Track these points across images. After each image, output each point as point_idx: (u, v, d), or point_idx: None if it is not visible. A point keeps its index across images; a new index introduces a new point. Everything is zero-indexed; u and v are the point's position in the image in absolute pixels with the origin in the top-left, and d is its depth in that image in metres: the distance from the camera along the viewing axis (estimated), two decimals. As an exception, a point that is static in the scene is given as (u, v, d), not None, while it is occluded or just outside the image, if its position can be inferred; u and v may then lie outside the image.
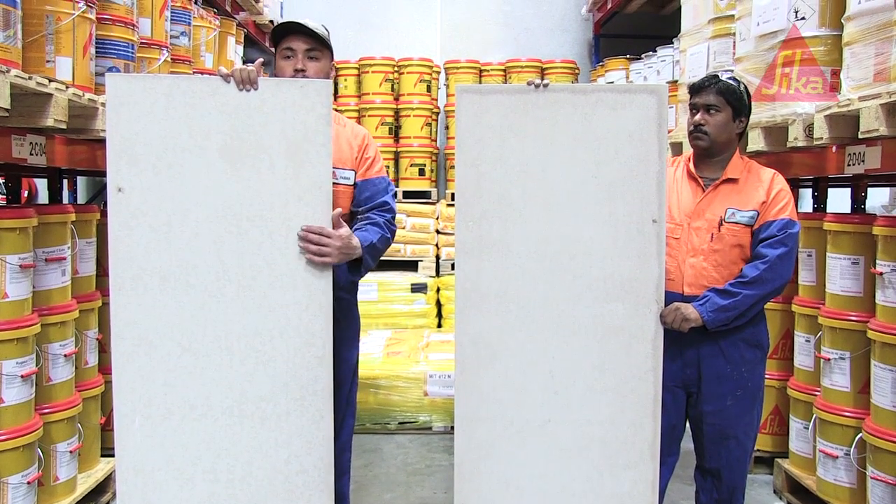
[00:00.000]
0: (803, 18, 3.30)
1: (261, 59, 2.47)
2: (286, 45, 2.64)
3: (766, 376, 4.20)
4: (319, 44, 2.66)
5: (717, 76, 2.71)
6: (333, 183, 2.65)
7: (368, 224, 2.66)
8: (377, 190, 2.74)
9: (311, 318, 2.43)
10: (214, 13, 5.20)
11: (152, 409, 2.39)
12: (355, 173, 2.73)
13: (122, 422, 2.40)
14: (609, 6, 7.28)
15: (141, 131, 2.37)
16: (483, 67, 7.29)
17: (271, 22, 6.80)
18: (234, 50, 5.58)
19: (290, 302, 2.41)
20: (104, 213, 3.96)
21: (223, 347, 2.40)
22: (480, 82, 7.12)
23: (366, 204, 2.72)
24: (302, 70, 2.62)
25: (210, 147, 2.37)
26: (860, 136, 2.82)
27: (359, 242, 2.51)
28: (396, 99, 7.11)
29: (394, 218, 2.75)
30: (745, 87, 2.73)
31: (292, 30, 2.64)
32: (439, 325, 6.38)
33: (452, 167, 6.99)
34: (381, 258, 2.80)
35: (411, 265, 6.64)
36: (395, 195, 2.80)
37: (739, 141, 2.78)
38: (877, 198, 6.99)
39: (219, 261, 2.39)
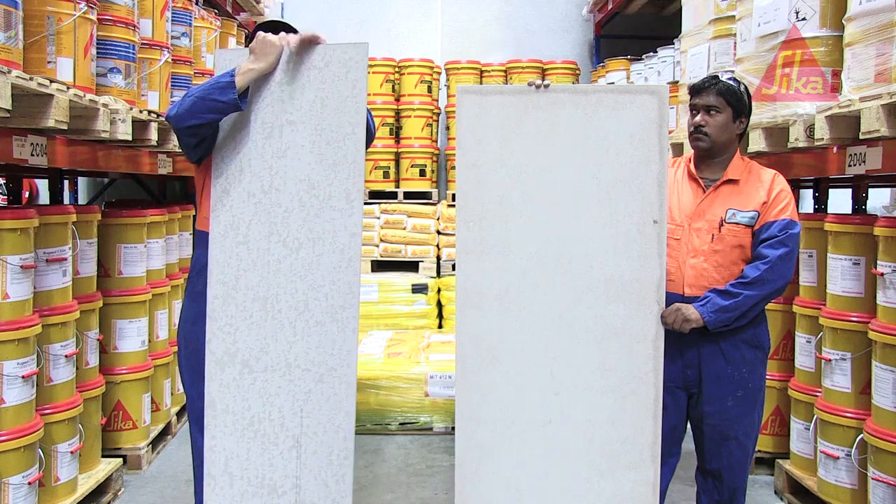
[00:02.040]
0: (804, 19, 3.30)
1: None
2: None
3: (767, 377, 4.21)
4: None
5: (717, 77, 2.71)
6: None
7: None
8: None
9: None
10: (215, 14, 5.21)
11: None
12: None
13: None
14: (610, 7, 7.28)
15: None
16: (484, 68, 7.29)
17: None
18: (235, 51, 5.57)
19: None
20: (105, 214, 3.97)
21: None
22: (481, 83, 7.11)
23: None
24: None
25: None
26: (861, 137, 2.82)
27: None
28: (397, 100, 7.11)
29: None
30: (746, 88, 2.73)
31: (276, 29, 2.64)
32: (440, 326, 6.38)
33: (453, 168, 6.95)
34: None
35: (412, 266, 6.64)
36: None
37: (740, 141, 2.78)
38: (878, 198, 6.99)
39: None
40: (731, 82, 2.69)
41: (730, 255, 2.63)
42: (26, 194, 6.30)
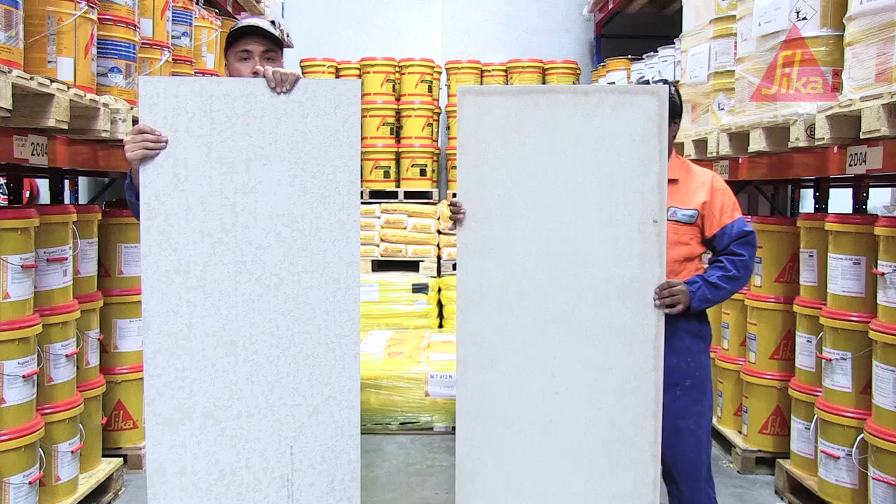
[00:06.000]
0: (804, 19, 3.30)
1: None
2: (242, 48, 2.61)
3: (767, 376, 4.21)
4: (275, 45, 2.66)
5: (648, 82, 2.77)
6: None
7: None
8: None
9: None
10: (216, 13, 5.20)
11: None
12: None
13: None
14: (610, 6, 7.28)
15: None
16: (484, 68, 7.29)
17: (272, 22, 6.80)
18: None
19: None
20: (105, 214, 3.97)
21: None
22: (482, 83, 7.12)
23: None
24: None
25: None
26: (862, 137, 2.82)
27: None
28: (398, 99, 7.11)
29: None
30: (677, 89, 2.78)
31: (249, 32, 2.62)
32: (440, 326, 6.38)
33: (454, 167, 6.99)
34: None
35: (413, 265, 6.65)
36: None
37: (673, 141, 2.79)
38: (878, 198, 6.99)
39: None
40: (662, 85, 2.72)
41: (671, 252, 2.64)
42: (27, 194, 6.31)
